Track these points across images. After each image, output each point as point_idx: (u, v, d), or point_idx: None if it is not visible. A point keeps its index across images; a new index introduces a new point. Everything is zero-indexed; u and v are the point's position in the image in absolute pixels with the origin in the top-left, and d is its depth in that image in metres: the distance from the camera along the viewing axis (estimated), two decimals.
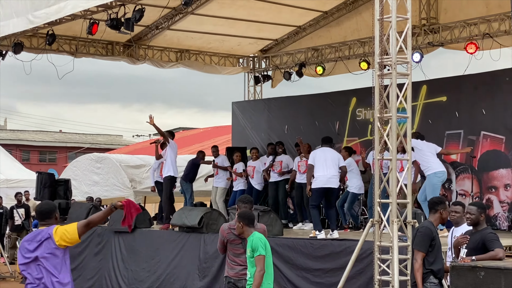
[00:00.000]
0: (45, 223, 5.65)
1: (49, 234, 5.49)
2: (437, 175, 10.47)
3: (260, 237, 6.87)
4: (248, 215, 7.07)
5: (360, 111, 15.34)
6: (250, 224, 6.97)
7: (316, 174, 10.82)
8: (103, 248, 13.56)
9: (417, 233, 6.55)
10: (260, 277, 6.67)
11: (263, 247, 6.80)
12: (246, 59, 18.50)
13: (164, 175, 12.93)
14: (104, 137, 51.87)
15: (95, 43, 16.03)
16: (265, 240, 6.91)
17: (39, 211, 5.75)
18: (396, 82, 7.62)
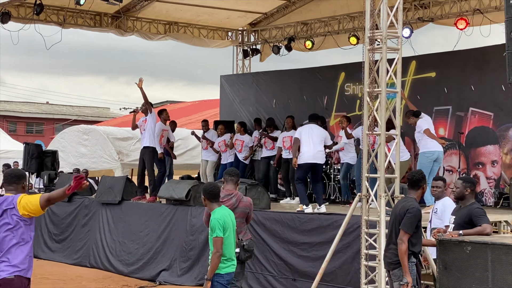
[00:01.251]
0: (12, 189, 5.52)
1: (13, 204, 5.37)
2: (426, 155, 10.48)
3: (218, 218, 6.57)
4: (210, 189, 6.74)
5: (349, 86, 15.32)
6: (211, 199, 6.69)
7: (302, 149, 10.87)
8: (90, 219, 13.57)
9: (407, 214, 6.27)
10: (217, 259, 6.47)
11: (220, 228, 6.52)
12: (235, 32, 18.40)
13: (144, 145, 12.52)
14: (91, 109, 51.63)
15: (83, 14, 15.87)
16: (225, 218, 6.61)
17: (9, 174, 5.59)
18: (386, 57, 7.60)
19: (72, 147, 17.70)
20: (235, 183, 7.36)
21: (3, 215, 5.38)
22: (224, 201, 7.00)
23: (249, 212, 7.36)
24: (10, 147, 21.83)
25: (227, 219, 6.66)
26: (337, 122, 15.28)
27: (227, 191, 7.25)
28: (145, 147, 12.49)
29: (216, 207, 6.70)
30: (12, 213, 5.35)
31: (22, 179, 5.60)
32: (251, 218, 7.54)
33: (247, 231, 7.45)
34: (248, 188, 10.69)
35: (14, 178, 5.54)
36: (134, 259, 12.24)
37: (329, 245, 9.06)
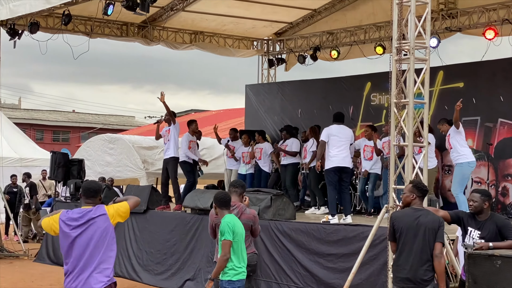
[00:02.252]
0: (91, 202, 5.76)
1: (103, 213, 5.65)
2: (470, 165, 10.31)
3: (228, 221, 6.71)
4: (221, 197, 6.93)
5: (375, 96, 15.23)
6: (222, 206, 6.85)
7: (330, 153, 10.58)
8: (116, 228, 13.51)
9: (441, 227, 6.14)
10: (223, 262, 6.60)
11: (229, 232, 6.66)
12: (260, 42, 18.42)
13: (167, 156, 12.58)
14: (116, 117, 52.01)
15: (110, 23, 15.99)
16: (234, 224, 6.72)
17: (87, 188, 5.85)
18: (414, 67, 7.52)
19: (98, 156, 17.82)
20: (239, 195, 7.26)
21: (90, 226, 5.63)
22: None
23: (252, 224, 7.20)
24: (37, 155, 22.02)
25: (237, 225, 6.74)
26: (363, 131, 15.20)
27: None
28: (168, 158, 12.52)
29: (226, 214, 6.83)
30: (100, 220, 5.64)
31: (100, 192, 5.91)
32: (257, 232, 7.37)
33: (251, 244, 7.28)
34: (273, 198, 10.65)
35: (93, 192, 5.81)
36: (163, 269, 12.23)
37: (356, 257, 8.97)
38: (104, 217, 5.64)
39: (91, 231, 5.61)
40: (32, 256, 14.89)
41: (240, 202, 7.12)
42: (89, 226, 5.62)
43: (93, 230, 5.61)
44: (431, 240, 6.18)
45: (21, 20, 14.66)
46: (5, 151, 19.44)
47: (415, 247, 6.23)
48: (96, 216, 5.64)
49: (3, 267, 13.69)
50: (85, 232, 5.61)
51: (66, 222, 5.67)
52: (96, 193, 5.83)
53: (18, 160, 21.11)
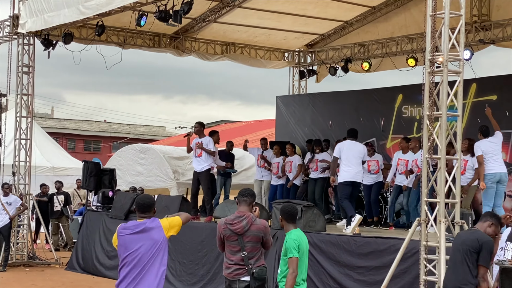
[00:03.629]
0: (145, 216, 5.93)
1: (158, 226, 5.85)
2: (487, 177, 10.20)
3: (294, 238, 6.56)
4: (288, 210, 6.75)
5: (406, 108, 15.15)
6: (289, 220, 6.67)
7: (341, 168, 11.19)
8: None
9: (485, 246, 6.04)
10: (293, 279, 6.44)
11: (296, 249, 6.49)
12: (292, 53, 18.45)
13: (201, 169, 12.59)
14: (147, 128, 52.37)
15: (143, 34, 16.16)
16: (300, 240, 6.57)
17: (142, 204, 6.02)
18: (447, 80, 7.47)
19: (129, 166, 17.95)
20: (249, 204, 6.81)
21: (145, 235, 5.83)
22: (233, 224, 6.66)
23: (263, 236, 6.70)
24: (69, 165, 22.25)
25: (302, 241, 6.60)
26: (394, 144, 15.12)
27: (238, 213, 6.75)
28: (202, 170, 12.58)
29: (292, 229, 6.65)
30: (155, 233, 5.84)
31: (154, 205, 6.11)
32: (269, 243, 6.84)
33: (261, 257, 6.80)
34: (303, 210, 10.61)
35: (147, 207, 6.01)
36: (195, 279, 12.23)
37: (386, 270, 8.88)
38: (158, 230, 5.83)
39: (144, 239, 5.79)
40: (63, 264, 15.03)
41: (250, 212, 6.73)
42: (143, 234, 5.81)
43: (146, 238, 5.80)
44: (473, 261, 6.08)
45: (55, 31, 14.89)
46: (37, 159, 19.64)
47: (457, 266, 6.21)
48: (151, 228, 5.84)
49: (35, 275, 13.84)
50: (139, 240, 5.80)
51: (121, 231, 5.92)
52: (150, 208, 6.00)
53: (51, 169, 21.34)
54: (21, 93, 15.24)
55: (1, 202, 14.16)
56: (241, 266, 6.58)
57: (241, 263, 6.59)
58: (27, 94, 15.31)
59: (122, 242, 5.87)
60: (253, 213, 6.74)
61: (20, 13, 14.66)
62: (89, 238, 14.61)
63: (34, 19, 14.24)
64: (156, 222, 5.90)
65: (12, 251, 14.57)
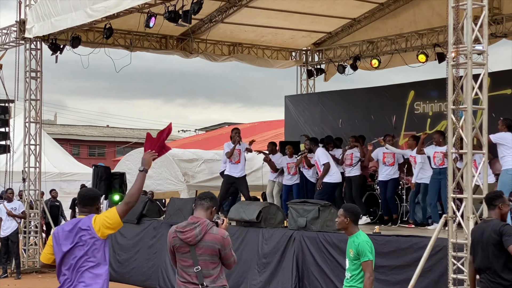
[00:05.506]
0: (86, 211, 5.26)
1: (88, 226, 5.14)
2: (509, 172, 10.00)
3: (367, 240, 6.36)
4: (355, 210, 6.47)
5: (419, 105, 14.98)
6: (356, 221, 6.42)
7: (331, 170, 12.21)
8: (158, 241, 13.49)
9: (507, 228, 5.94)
10: (371, 283, 6.23)
11: (370, 251, 6.30)
12: (299, 52, 18.30)
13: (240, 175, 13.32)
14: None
15: (149, 36, 16.03)
16: (371, 242, 6.39)
17: (83, 195, 5.34)
18: (472, 72, 7.30)
19: None
20: (207, 209, 5.51)
21: (78, 237, 5.16)
22: (184, 232, 5.40)
23: (221, 249, 5.40)
24: (76, 170, 22.14)
25: (371, 243, 6.40)
26: (406, 142, 14.93)
27: (192, 219, 5.48)
28: (241, 177, 13.27)
29: (358, 230, 6.42)
30: (87, 234, 5.14)
31: (97, 200, 5.37)
32: (231, 260, 5.51)
33: (221, 276, 5.48)
34: (321, 209, 10.45)
35: (89, 200, 5.31)
36: None
37: (409, 269, 8.73)
38: (90, 228, 5.10)
39: (78, 239, 5.12)
40: None
41: (207, 219, 5.44)
42: (76, 233, 5.13)
43: (80, 238, 5.12)
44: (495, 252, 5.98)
45: (62, 35, 14.74)
46: (44, 165, 19.54)
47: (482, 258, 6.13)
48: (84, 226, 5.12)
49: (48, 281, 13.68)
50: (72, 240, 5.13)
51: (56, 235, 5.22)
52: (92, 201, 5.28)
53: (58, 174, 21.23)
54: (29, 98, 15.09)
55: (6, 208, 14.02)
56: (195, 286, 5.35)
57: (194, 281, 5.36)
58: (35, 99, 15.16)
59: (56, 242, 5.16)
60: (221, 226, 5.52)
61: (26, 18, 14.52)
62: None
63: (41, 24, 14.10)
64: (90, 219, 5.13)
65: (24, 258, 14.40)
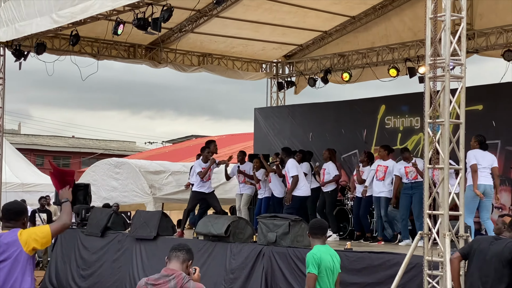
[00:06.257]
0: (10, 225, 4.95)
1: (13, 241, 4.84)
2: (471, 188, 9.89)
3: (314, 252, 6.15)
4: (311, 224, 6.38)
5: (389, 119, 14.86)
6: (313, 234, 6.30)
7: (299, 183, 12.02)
8: (122, 255, 13.12)
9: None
10: None
11: (313, 264, 6.07)
12: (270, 64, 18.10)
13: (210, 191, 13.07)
14: (117, 143, 51.51)
15: (117, 45, 15.68)
16: (322, 256, 6.13)
17: (8, 209, 5.03)
18: (450, 85, 7.12)
19: (103, 181, 17.36)
20: (182, 262, 5.07)
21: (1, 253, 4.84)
22: (157, 285, 4.91)
23: None
24: (39, 181, 21.54)
25: (326, 258, 6.10)
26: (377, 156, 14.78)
27: (166, 271, 5.03)
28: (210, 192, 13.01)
29: (317, 244, 6.22)
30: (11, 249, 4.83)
31: (22, 215, 5.08)
32: None
33: None
34: (291, 225, 10.19)
35: (14, 214, 5.01)
36: None
37: (381, 286, 8.54)
38: (15, 244, 4.79)
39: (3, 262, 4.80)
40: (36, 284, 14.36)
41: (183, 272, 5.01)
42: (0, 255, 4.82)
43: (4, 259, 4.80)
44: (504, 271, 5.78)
45: (27, 41, 14.31)
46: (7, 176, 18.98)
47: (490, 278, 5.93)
48: (7, 242, 4.82)
49: None
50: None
51: None
52: (17, 215, 5.00)
53: (20, 185, 20.63)
54: None
55: None
56: None
57: None
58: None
59: None
60: (192, 276, 5.05)
61: None
62: (64, 256, 13.99)
63: (4, 29, 13.66)
64: (14, 234, 4.84)
65: None
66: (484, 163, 10.33)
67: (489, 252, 5.99)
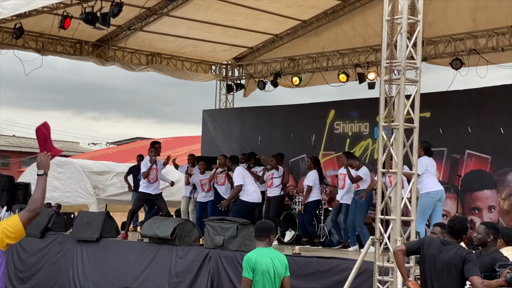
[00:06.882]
0: None
1: None
2: (430, 195, 9.90)
3: (250, 255, 5.92)
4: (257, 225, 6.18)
5: (338, 124, 14.83)
6: (256, 236, 6.09)
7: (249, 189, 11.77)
8: (63, 257, 12.70)
9: (472, 256, 5.82)
10: None
11: (248, 268, 5.83)
12: (219, 66, 17.88)
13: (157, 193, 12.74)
14: (59, 143, 50.39)
15: (63, 41, 15.21)
16: (258, 259, 5.87)
17: None
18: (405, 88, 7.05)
19: None
20: None
21: None
22: None
23: None
24: None
25: (264, 261, 5.87)
26: (325, 160, 14.76)
27: None
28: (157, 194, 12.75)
29: (260, 246, 5.99)
30: None
31: None
32: None
33: None
34: (239, 228, 10.00)
35: None
36: None
37: None
38: None
39: None
40: None
41: None
42: None
43: None
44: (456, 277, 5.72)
45: None
46: None
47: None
48: None
49: None
50: None
51: None
52: None
53: None
54: None
55: None
56: None
57: None
58: None
59: None
60: None
61: None
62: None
63: None
64: None
65: None
66: (432, 169, 10.40)
67: (439, 260, 5.90)
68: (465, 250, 5.88)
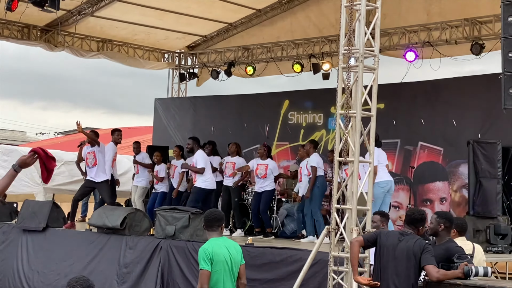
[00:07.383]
0: None
1: None
2: (380, 185, 9.85)
3: (205, 247, 5.70)
4: (207, 215, 5.88)
5: (293, 115, 14.72)
6: (207, 226, 5.85)
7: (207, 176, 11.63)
8: (7, 247, 12.29)
9: (430, 247, 5.79)
10: None
11: (206, 260, 5.61)
12: (172, 54, 17.58)
13: (99, 180, 11.90)
14: (5, 132, 49.20)
15: (10, 25, 14.72)
16: (215, 250, 5.67)
17: None
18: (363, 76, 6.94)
19: None
20: None
21: None
22: None
23: None
24: None
25: (220, 251, 5.70)
26: (279, 151, 14.64)
27: None
28: (100, 182, 11.85)
29: (213, 237, 5.77)
30: None
31: None
32: None
33: None
34: (191, 217, 9.79)
35: None
36: None
37: (282, 283, 8.31)
38: None
39: None
40: None
41: None
42: None
43: None
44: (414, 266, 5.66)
45: None
46: None
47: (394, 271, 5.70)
48: None
49: None
50: None
51: None
52: None
53: None
54: None
55: None
56: None
57: None
58: None
59: None
60: None
61: None
62: None
63: None
64: None
65: None
66: (383, 160, 10.36)
67: (398, 248, 5.83)
68: (424, 241, 5.82)
